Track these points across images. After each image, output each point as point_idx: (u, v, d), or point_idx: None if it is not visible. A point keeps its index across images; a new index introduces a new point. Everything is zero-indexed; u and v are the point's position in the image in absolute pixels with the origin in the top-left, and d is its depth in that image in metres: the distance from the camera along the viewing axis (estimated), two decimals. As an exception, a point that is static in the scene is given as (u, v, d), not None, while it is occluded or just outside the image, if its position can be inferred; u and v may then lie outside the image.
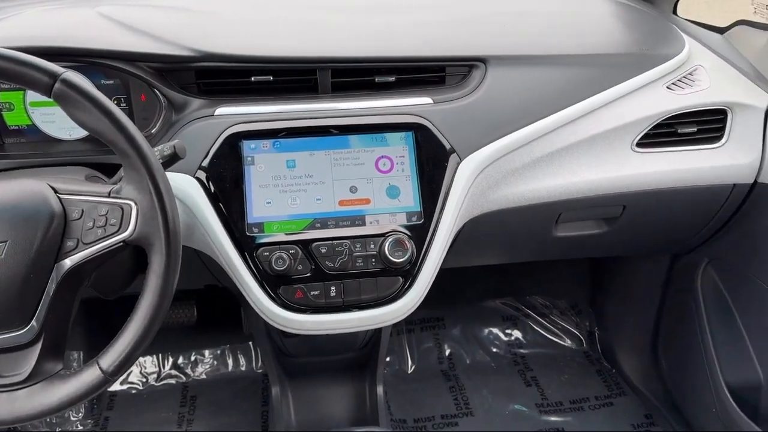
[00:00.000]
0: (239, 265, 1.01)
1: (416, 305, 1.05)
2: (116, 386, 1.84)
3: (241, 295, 1.04)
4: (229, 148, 1.04)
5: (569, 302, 2.07)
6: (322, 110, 1.09)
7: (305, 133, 1.06)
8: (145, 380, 1.87)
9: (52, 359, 0.82)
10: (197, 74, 1.09)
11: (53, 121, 1.08)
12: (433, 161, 1.07)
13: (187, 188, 1.01)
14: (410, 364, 1.94)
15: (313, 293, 1.02)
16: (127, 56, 1.05)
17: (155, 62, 1.07)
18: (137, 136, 0.80)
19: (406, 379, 1.91)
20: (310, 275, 1.02)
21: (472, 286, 1.99)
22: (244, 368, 1.91)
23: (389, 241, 1.02)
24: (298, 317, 1.02)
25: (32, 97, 1.07)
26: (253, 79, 1.10)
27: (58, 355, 0.83)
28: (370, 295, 1.03)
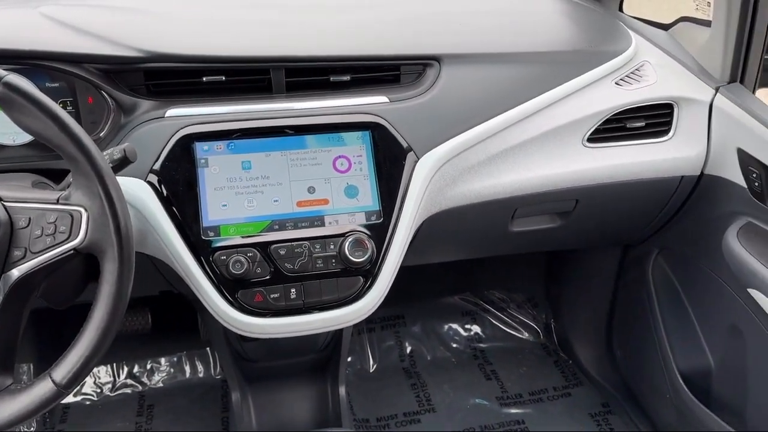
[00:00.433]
0: (195, 270, 0.99)
1: (378, 304, 1.05)
2: (69, 398, 1.78)
3: (197, 300, 1.02)
4: (181, 150, 1.02)
5: (526, 296, 2.10)
6: (276, 110, 1.08)
7: (260, 133, 1.05)
8: (99, 391, 1.82)
9: (0, 373, 0.79)
10: (146, 75, 1.07)
11: (-5, 126, 1.04)
12: (390, 160, 1.07)
13: (138, 193, 0.99)
14: (372, 363, 1.94)
15: (272, 296, 1.00)
16: (72, 57, 1.02)
17: (102, 63, 1.04)
18: (85, 139, 0.78)
19: (368, 378, 1.91)
20: (269, 278, 1.01)
21: (431, 282, 2.01)
22: (202, 375, 1.88)
23: (349, 241, 1.01)
24: (258, 321, 1.00)
25: (-28, 101, 1.03)
26: (204, 79, 1.08)
27: (7, 368, 0.80)
28: (331, 295, 1.02)
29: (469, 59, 1.20)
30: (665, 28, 1.49)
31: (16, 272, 0.78)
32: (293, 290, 1.01)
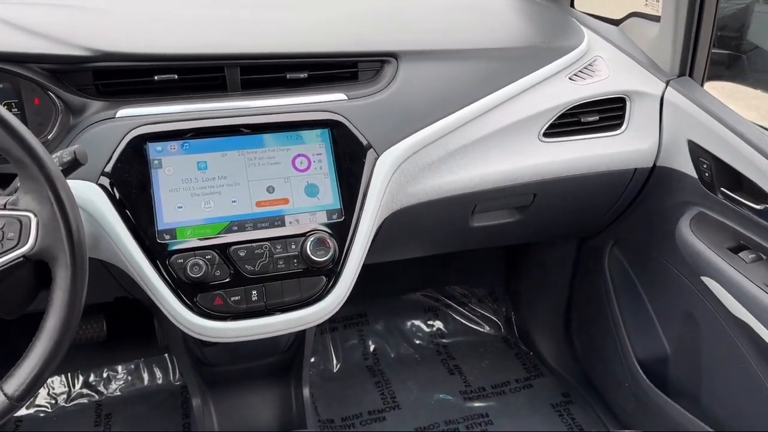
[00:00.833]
0: (151, 274, 0.96)
1: (341, 303, 1.04)
2: (22, 411, 1.72)
3: (154, 305, 0.99)
4: (133, 151, 0.99)
5: (487, 290, 2.12)
6: (232, 109, 1.06)
7: (215, 133, 1.03)
8: (54, 401, 1.76)
9: (-53, 389, 0.75)
10: (95, 75, 1.04)
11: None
12: (350, 158, 1.07)
13: (90, 196, 0.96)
14: (335, 362, 1.93)
15: (233, 299, 0.98)
16: (16, 57, 0.98)
17: (48, 63, 1.00)
18: (33, 142, 0.75)
19: (331, 378, 1.90)
20: (229, 280, 0.99)
21: (392, 280, 2.01)
22: (161, 381, 1.84)
23: (311, 240, 1.00)
24: (218, 325, 0.98)
25: None
26: (156, 78, 1.06)
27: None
28: (293, 296, 1.01)
29: (426, 56, 1.20)
30: (616, 23, 1.52)
31: (-39, 282, 0.75)
32: (254, 292, 0.99)
